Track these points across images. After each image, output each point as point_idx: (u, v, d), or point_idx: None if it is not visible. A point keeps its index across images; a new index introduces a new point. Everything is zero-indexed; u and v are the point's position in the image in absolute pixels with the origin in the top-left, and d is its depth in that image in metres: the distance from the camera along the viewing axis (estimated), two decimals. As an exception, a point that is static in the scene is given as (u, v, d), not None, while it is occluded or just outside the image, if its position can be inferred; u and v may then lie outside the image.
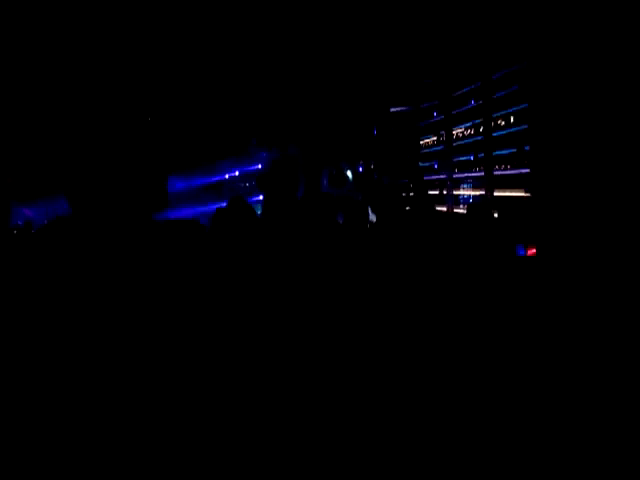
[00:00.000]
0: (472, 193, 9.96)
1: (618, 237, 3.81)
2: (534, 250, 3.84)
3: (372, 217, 4.04)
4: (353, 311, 2.26)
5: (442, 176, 10.83)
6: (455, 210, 10.06)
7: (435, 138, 11.22)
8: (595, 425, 1.96)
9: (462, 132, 10.30)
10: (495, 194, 9.08)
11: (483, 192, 9.48)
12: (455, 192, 10.41)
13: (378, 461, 1.90)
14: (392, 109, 12.12)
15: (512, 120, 8.64)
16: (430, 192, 10.32)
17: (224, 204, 2.74)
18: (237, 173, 15.92)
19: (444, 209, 9.95)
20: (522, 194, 8.13)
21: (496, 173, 9.37)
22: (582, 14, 5.29)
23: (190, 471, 1.66)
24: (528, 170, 7.88)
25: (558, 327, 2.41)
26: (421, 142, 11.80)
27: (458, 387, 2.14)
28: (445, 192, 10.52)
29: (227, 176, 16.04)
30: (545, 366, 2.24)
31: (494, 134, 9.27)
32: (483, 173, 9.60)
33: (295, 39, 10.10)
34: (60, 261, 1.53)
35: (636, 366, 2.23)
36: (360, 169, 13.30)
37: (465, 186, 10.33)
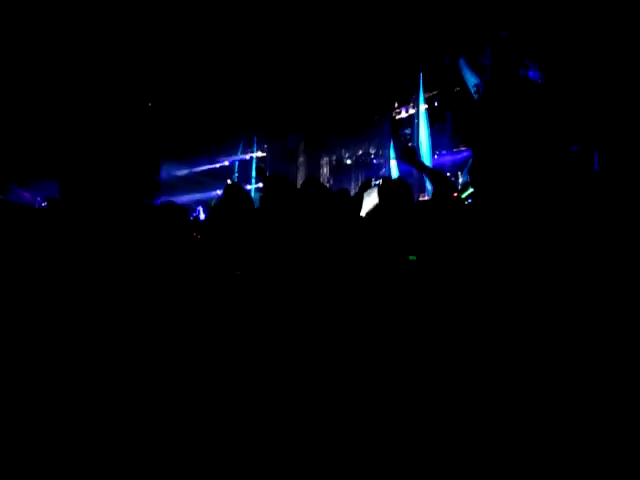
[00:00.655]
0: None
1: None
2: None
3: (370, 204, 4.00)
4: (349, 308, 2.24)
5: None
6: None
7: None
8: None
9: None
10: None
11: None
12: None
13: (378, 461, 1.88)
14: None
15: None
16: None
17: (221, 191, 2.71)
18: (237, 160, 15.89)
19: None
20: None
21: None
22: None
23: (190, 471, 1.64)
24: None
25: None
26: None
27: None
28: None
29: (227, 163, 16.00)
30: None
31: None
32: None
33: (296, 26, 10.02)
34: (52, 248, 1.51)
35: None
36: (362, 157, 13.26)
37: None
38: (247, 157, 15.65)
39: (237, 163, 15.83)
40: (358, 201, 3.31)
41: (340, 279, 2.31)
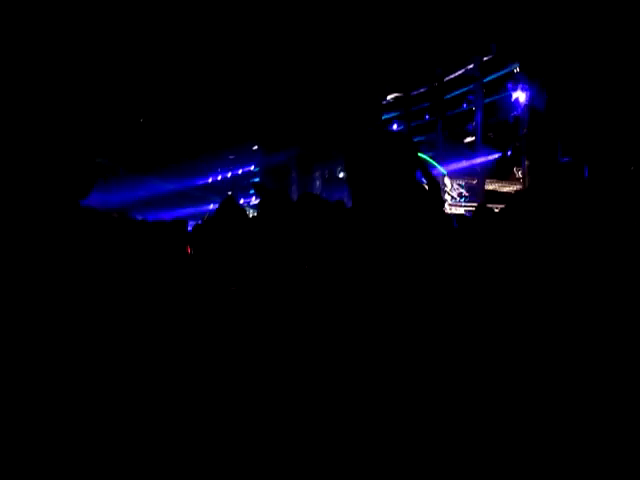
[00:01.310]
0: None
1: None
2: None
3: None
4: (348, 314, 2.23)
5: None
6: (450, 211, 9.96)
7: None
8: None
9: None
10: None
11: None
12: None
13: (378, 461, 1.87)
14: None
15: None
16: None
17: (215, 205, 2.71)
18: (230, 174, 15.91)
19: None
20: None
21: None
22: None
23: (190, 471, 1.63)
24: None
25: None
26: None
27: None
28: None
29: (220, 177, 16.02)
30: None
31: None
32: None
33: (291, 38, 10.09)
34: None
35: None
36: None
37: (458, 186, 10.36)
38: (239, 172, 15.68)
39: (229, 176, 15.84)
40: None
41: (337, 292, 2.31)
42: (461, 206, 9.74)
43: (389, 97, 12.10)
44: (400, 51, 9.76)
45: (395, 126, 12.12)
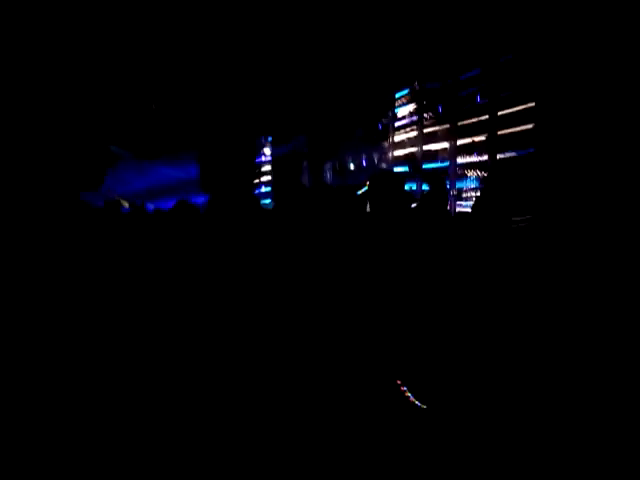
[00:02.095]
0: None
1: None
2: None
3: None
4: (354, 307, 2.27)
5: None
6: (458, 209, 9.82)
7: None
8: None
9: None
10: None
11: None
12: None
13: (377, 461, 1.89)
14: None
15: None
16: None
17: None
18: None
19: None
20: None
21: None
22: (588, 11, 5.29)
23: (190, 471, 1.66)
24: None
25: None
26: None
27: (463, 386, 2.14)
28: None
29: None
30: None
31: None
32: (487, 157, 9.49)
33: (301, 28, 10.07)
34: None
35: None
36: (364, 162, 13.29)
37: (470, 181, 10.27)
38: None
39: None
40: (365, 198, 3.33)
41: (342, 275, 2.35)
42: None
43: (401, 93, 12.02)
44: (412, 44, 9.71)
45: (404, 119, 12.06)
